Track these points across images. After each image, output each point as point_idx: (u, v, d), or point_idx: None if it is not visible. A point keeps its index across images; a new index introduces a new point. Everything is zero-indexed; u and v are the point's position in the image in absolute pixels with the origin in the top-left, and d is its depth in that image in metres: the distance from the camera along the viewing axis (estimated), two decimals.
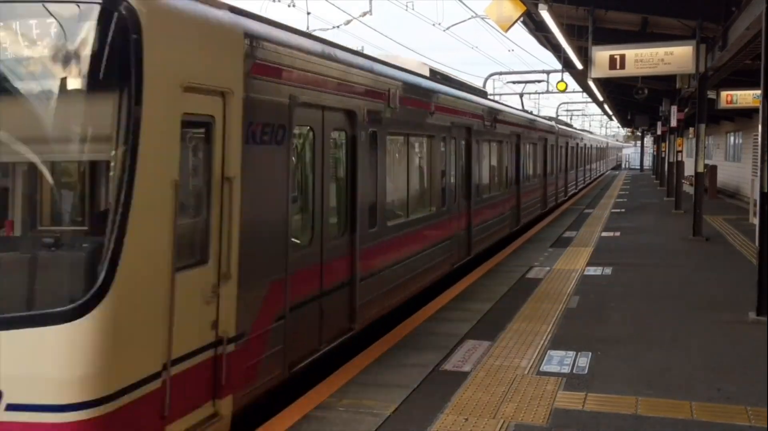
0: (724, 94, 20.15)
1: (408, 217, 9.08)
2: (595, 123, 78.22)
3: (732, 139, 29.47)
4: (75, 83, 4.13)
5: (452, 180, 11.16)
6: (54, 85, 4.17)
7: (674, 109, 21.81)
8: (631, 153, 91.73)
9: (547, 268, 11.82)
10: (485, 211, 13.36)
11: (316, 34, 10.31)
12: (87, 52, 4.05)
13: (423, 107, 9.54)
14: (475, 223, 12.39)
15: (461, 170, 11.76)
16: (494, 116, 14.20)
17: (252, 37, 5.29)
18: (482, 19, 23.91)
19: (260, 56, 5.38)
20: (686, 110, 23.04)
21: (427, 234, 9.74)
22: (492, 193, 14.17)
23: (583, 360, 6.67)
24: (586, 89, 28.86)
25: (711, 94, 19.35)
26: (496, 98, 25.37)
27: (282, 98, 5.73)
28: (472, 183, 12.23)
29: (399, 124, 8.58)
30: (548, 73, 35.37)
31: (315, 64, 6.36)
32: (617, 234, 16.59)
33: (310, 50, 6.35)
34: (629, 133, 77.77)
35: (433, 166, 10.27)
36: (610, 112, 43.19)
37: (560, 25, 13.07)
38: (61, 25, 4.10)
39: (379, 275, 7.85)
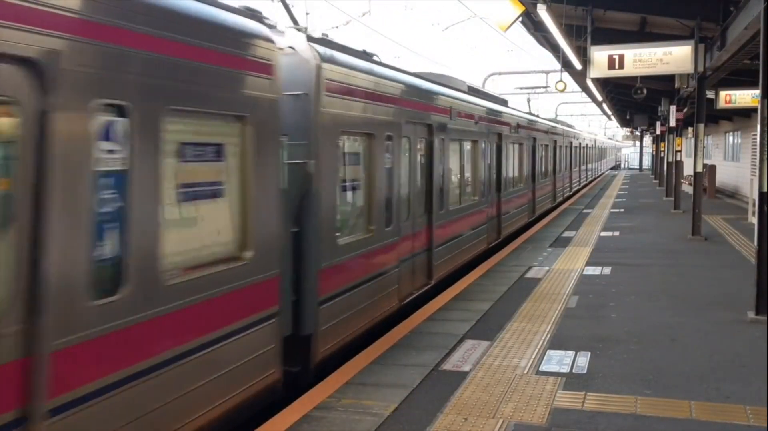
0: (722, 93, 20.17)
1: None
2: (595, 122, 78.22)
3: (731, 138, 29.48)
4: None
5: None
6: None
7: (673, 108, 21.82)
8: (630, 152, 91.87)
9: (546, 268, 11.83)
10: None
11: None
12: None
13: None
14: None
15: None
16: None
17: None
18: (481, 19, 23.92)
19: None
20: (685, 110, 23.05)
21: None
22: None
23: (582, 360, 6.69)
24: (585, 89, 28.87)
25: (710, 94, 19.35)
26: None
27: None
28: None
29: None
30: (547, 73, 35.46)
31: None
32: (616, 233, 16.61)
33: None
34: (628, 133, 77.74)
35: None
36: (609, 112, 43.20)
37: (559, 25, 13.08)
38: None
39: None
